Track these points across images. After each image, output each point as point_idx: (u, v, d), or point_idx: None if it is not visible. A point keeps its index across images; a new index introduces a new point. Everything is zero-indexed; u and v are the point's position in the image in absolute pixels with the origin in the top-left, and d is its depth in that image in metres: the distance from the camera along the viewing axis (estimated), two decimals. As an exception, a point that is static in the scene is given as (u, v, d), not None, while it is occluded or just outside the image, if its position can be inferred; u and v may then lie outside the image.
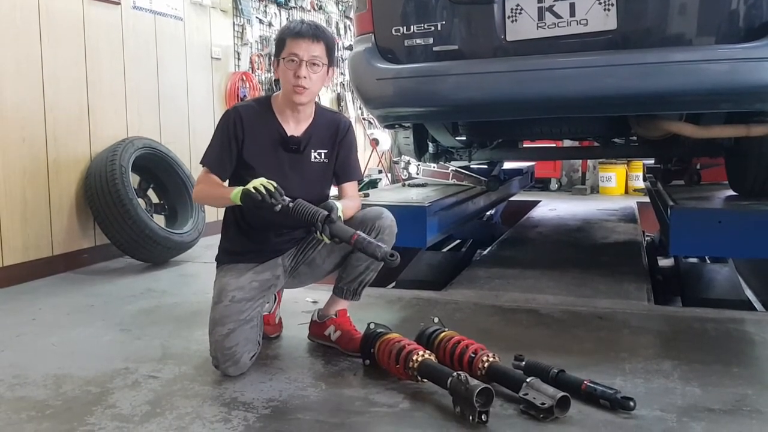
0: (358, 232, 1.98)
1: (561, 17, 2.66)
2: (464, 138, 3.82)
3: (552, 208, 6.20)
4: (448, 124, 3.54)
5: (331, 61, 2.22)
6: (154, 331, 2.55)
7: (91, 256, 3.87)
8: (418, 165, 4.89)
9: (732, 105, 2.60)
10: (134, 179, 3.92)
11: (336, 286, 2.35)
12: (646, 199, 5.16)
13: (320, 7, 6.54)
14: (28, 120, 3.47)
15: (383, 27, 2.94)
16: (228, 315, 2.09)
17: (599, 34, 2.61)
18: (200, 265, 3.83)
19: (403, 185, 4.39)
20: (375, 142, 7.59)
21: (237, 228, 2.26)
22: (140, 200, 3.90)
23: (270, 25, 5.66)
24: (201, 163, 2.22)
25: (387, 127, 3.71)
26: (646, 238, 5.04)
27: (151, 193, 4.13)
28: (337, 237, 1.99)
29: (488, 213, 5.41)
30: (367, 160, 7.43)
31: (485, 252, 4.45)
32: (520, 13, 2.71)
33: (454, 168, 4.39)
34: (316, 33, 2.15)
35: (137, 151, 3.87)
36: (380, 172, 7.65)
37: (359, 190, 4.79)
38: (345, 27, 7.09)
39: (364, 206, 2.42)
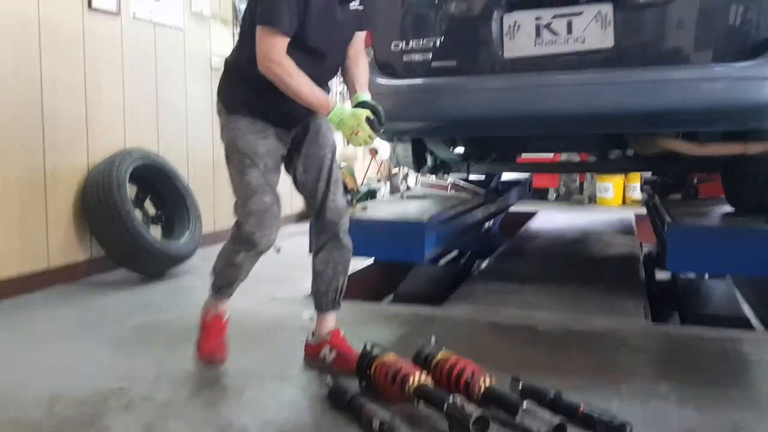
0: None
1: (558, 34, 2.66)
2: (462, 151, 3.83)
3: (550, 219, 6.20)
4: (446, 138, 3.54)
5: None
6: (148, 349, 2.54)
7: (87, 268, 3.85)
8: (417, 176, 4.89)
9: (729, 124, 2.61)
10: (131, 190, 3.91)
11: (314, 302, 2.36)
12: (644, 211, 5.16)
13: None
14: (27, 129, 3.46)
15: (382, 42, 2.94)
16: (268, 183, 2.13)
17: (596, 51, 2.61)
18: (197, 277, 3.81)
19: (402, 197, 4.39)
20: (374, 152, 7.59)
21: (250, 85, 2.12)
22: (137, 211, 3.89)
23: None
24: (269, 24, 1.98)
25: (386, 140, 3.72)
26: (644, 251, 5.05)
27: (148, 203, 4.12)
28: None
29: (487, 224, 5.41)
30: (366, 169, 7.43)
31: (483, 265, 4.44)
32: (517, 30, 2.72)
33: (452, 180, 4.38)
34: None
35: (135, 162, 3.86)
36: (379, 181, 7.65)
37: (357, 202, 4.82)
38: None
39: (359, 222, 2.43)
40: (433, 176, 4.47)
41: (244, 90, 2.15)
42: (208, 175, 4.81)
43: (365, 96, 2.24)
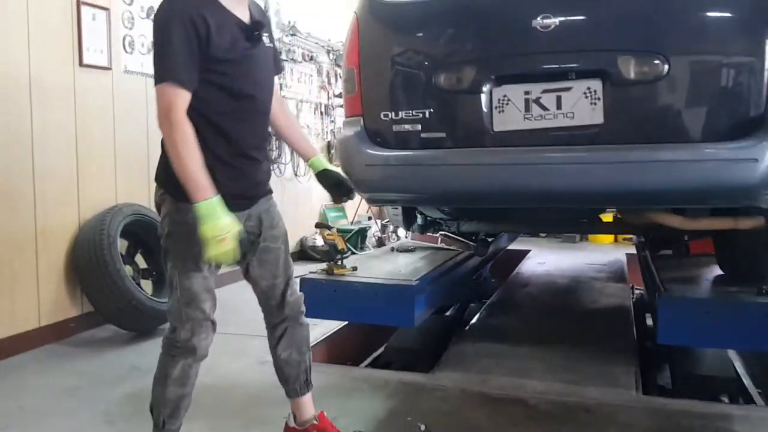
0: None
1: (548, 109, 2.68)
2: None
3: (541, 261, 6.20)
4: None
5: None
6: (138, 423, 2.51)
7: (77, 325, 3.83)
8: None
9: (719, 202, 2.62)
10: (122, 244, 3.90)
11: (286, 390, 2.26)
12: (635, 250, 5.16)
13: (311, 58, 6.59)
14: (17, 189, 3.46)
15: (372, 111, 2.95)
16: (209, 289, 1.99)
17: (586, 128, 2.62)
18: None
19: (392, 250, 4.38)
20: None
21: (214, 152, 1.91)
22: (128, 267, 3.88)
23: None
24: (163, 78, 1.81)
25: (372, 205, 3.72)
26: (635, 294, 5.05)
27: (139, 257, 4.11)
28: None
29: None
30: (356, 206, 7.43)
31: (474, 319, 4.43)
32: (507, 104, 2.73)
33: (442, 232, 4.38)
34: None
35: (126, 218, 3.86)
36: (370, 218, 7.65)
37: (347, 241, 4.78)
38: (336, 75, 7.13)
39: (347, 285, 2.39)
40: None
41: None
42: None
43: (324, 162, 2.22)
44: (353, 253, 6.77)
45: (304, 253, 6.50)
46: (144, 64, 4.31)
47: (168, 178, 1.93)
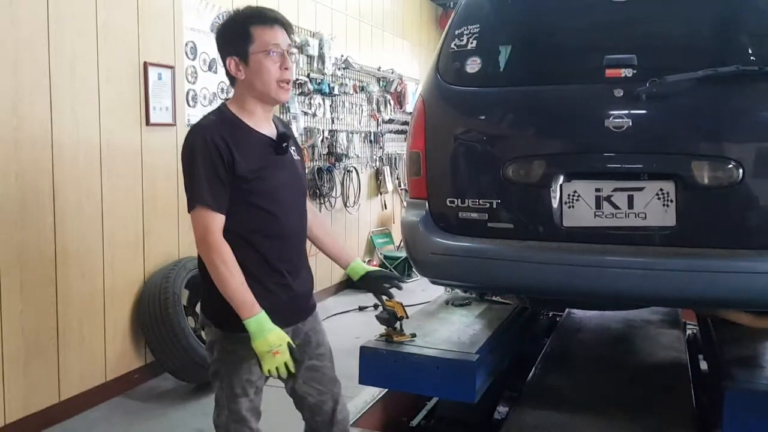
0: None
1: (619, 208, 2.66)
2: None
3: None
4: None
5: None
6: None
7: (141, 376, 3.95)
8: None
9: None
10: (183, 293, 4.00)
11: None
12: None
13: (362, 89, 6.61)
14: (87, 255, 3.57)
15: (438, 196, 2.95)
16: (255, 410, 2.05)
17: (658, 229, 2.59)
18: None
19: (447, 303, 4.39)
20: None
21: (247, 272, 1.92)
22: (189, 318, 3.98)
23: (314, 115, 5.73)
24: (194, 203, 1.89)
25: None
26: (688, 332, 4.96)
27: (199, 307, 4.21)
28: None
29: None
30: (404, 231, 7.45)
31: (529, 376, 4.42)
32: (577, 200, 2.71)
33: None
34: (285, 18, 1.98)
35: (189, 273, 3.95)
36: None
37: (394, 267, 4.70)
38: (385, 101, 7.14)
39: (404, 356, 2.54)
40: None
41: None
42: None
43: (362, 265, 2.25)
44: (400, 281, 6.83)
45: (350, 282, 6.56)
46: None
47: (216, 311, 1.97)
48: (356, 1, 6.60)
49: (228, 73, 2.00)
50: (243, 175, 1.92)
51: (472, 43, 2.88)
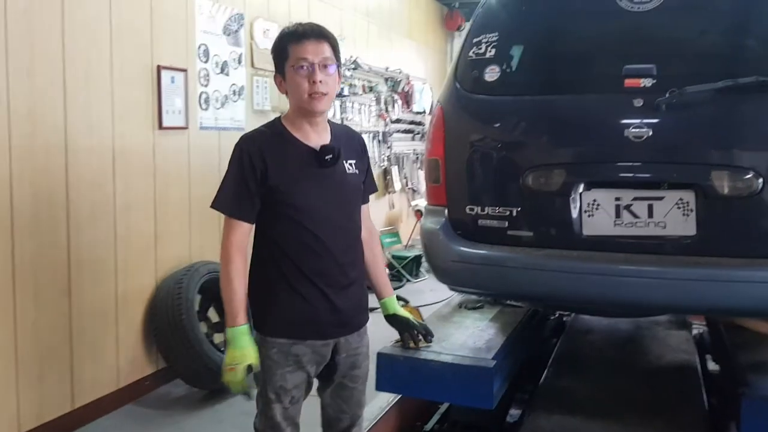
0: None
1: (639, 217, 2.65)
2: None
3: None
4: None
5: (339, 60, 2.04)
6: None
7: (152, 382, 3.94)
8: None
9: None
10: (197, 299, 3.99)
11: None
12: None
13: (371, 89, 6.60)
14: (100, 259, 3.56)
15: (457, 203, 2.95)
16: (289, 418, 2.08)
17: (678, 238, 2.59)
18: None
19: (460, 306, 4.39)
20: (419, 213, 7.61)
21: (270, 283, 2.03)
22: (201, 323, 3.97)
23: (327, 117, 5.71)
24: (212, 206, 2.01)
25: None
26: (694, 331, 4.96)
27: (212, 311, 4.20)
28: None
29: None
30: (410, 231, 7.45)
31: (542, 379, 4.43)
32: (597, 209, 2.71)
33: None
34: (320, 31, 1.98)
35: (202, 278, 3.94)
36: (424, 243, 7.64)
37: (402, 267, 4.63)
38: (393, 101, 7.13)
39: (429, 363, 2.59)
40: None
41: (268, 293, 2.04)
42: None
43: (395, 305, 2.26)
44: (408, 281, 6.83)
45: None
46: (218, 118, 4.39)
47: (255, 313, 2.09)
48: (364, 3, 6.58)
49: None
50: (275, 186, 1.97)
51: (490, 51, 2.88)
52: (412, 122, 7.70)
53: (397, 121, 7.23)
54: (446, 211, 2.98)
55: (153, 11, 3.81)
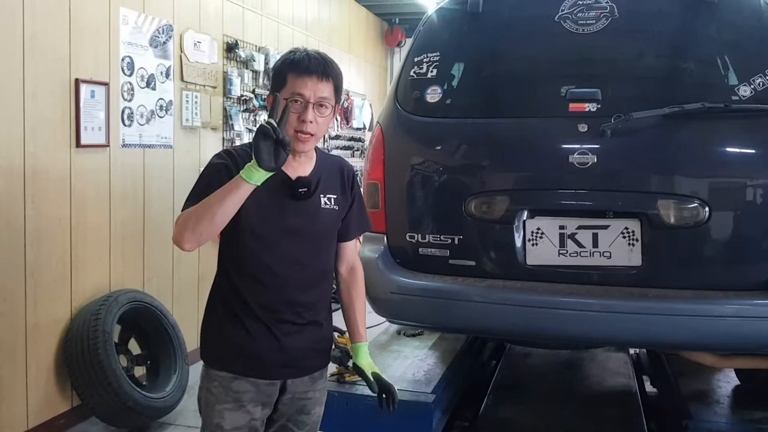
0: None
1: (583, 246, 2.56)
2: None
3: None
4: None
5: (338, 100, 1.92)
6: None
7: (67, 420, 3.62)
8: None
9: (763, 351, 2.52)
10: (116, 330, 3.70)
11: None
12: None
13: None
14: (7, 289, 3.24)
15: (397, 230, 2.81)
16: None
17: (623, 269, 2.51)
18: (182, 429, 3.62)
19: (398, 333, 4.24)
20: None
21: (228, 306, 1.88)
22: (120, 356, 3.68)
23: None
24: (184, 211, 1.80)
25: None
26: (631, 352, 4.96)
27: (133, 343, 3.91)
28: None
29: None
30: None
31: (482, 408, 4.31)
32: (541, 237, 2.61)
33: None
34: (325, 70, 1.85)
35: (121, 309, 3.66)
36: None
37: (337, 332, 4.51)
38: (342, 113, 7.01)
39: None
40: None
41: (215, 323, 1.91)
42: (194, 306, 4.59)
43: (365, 356, 2.06)
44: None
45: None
46: (143, 135, 4.11)
47: (202, 341, 1.96)
48: (303, 16, 6.41)
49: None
50: (241, 211, 1.76)
51: (432, 71, 2.75)
52: (351, 138, 7.56)
53: (336, 137, 7.08)
54: (385, 238, 2.83)
55: (72, 21, 3.53)
